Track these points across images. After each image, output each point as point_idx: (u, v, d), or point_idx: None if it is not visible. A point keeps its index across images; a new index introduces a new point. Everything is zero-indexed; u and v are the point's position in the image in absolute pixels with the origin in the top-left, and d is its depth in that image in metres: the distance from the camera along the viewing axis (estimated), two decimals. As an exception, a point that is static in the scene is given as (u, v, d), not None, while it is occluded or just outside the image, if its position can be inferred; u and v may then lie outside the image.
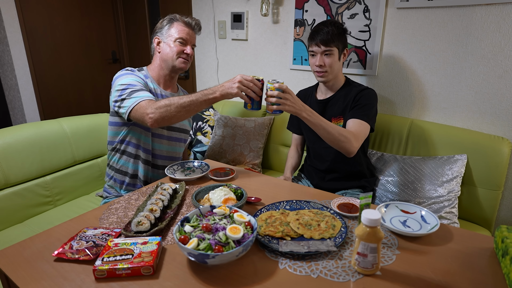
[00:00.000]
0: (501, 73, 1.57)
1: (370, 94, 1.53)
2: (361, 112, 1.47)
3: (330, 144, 1.36)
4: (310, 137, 1.67)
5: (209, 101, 1.25)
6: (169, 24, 1.50)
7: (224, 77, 2.62)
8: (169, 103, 1.26)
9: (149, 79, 1.51)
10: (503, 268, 0.80)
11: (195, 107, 1.26)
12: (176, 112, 1.26)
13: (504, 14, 1.51)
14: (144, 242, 0.87)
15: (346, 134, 1.35)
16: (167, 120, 1.28)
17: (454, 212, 1.51)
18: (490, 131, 1.65)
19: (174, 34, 1.48)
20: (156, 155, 1.54)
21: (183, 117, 1.29)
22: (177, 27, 1.49)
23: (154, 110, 1.26)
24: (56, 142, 1.78)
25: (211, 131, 2.28)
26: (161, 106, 1.26)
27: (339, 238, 0.92)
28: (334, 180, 1.63)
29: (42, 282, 0.77)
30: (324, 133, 1.32)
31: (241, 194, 1.09)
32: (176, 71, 1.53)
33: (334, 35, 1.49)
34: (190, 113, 1.28)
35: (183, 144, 1.66)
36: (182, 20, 1.50)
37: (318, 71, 1.53)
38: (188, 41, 1.50)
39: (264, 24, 2.29)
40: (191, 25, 1.52)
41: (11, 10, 2.55)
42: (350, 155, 1.39)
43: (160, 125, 1.30)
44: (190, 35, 1.51)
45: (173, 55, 1.48)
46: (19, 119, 2.84)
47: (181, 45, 1.48)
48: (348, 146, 1.36)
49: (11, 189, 1.63)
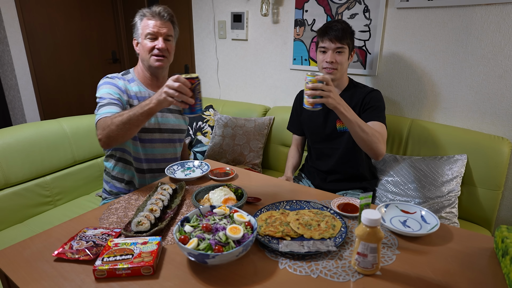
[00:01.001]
0: (501, 73, 1.57)
1: (378, 96, 1.52)
2: (377, 114, 1.45)
3: (361, 143, 1.32)
4: (313, 138, 1.65)
5: (146, 112, 1.15)
6: (139, 21, 1.39)
7: (224, 77, 2.62)
8: (110, 123, 1.19)
9: (135, 82, 1.43)
10: (503, 268, 0.80)
11: (136, 121, 1.17)
12: (119, 130, 1.18)
13: (504, 14, 1.50)
14: (144, 242, 0.87)
15: (377, 134, 1.31)
16: (114, 139, 1.21)
17: (454, 212, 1.51)
18: (490, 131, 1.65)
19: (143, 31, 1.37)
20: (150, 159, 1.48)
21: (128, 134, 1.21)
22: (144, 22, 1.37)
23: (101, 132, 1.22)
24: (56, 142, 1.78)
25: (211, 131, 2.28)
26: (105, 126, 1.20)
27: (339, 238, 0.92)
28: (336, 182, 1.62)
29: (42, 282, 0.77)
30: (359, 131, 1.27)
31: (241, 194, 1.09)
32: (155, 70, 1.42)
33: (347, 33, 1.47)
34: (133, 128, 1.20)
35: (178, 144, 1.58)
36: (149, 12, 1.37)
37: (328, 67, 1.48)
38: (158, 34, 1.36)
39: (264, 24, 2.29)
40: (159, 14, 1.36)
41: (11, 10, 2.55)
42: (379, 157, 1.35)
43: (111, 146, 1.27)
44: (159, 26, 1.35)
45: (146, 55, 1.37)
46: (19, 119, 2.84)
47: (151, 41, 1.36)
48: (380, 147, 1.32)
49: (11, 189, 1.63)
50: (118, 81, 1.40)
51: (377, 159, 1.37)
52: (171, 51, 1.41)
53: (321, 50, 1.51)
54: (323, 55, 1.50)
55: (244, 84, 2.52)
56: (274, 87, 2.37)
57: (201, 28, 2.61)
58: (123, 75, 1.45)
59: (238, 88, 2.57)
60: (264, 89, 2.43)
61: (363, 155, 1.58)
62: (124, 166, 1.47)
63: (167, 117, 1.49)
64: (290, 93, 2.29)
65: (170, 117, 1.50)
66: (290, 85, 2.28)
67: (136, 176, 1.47)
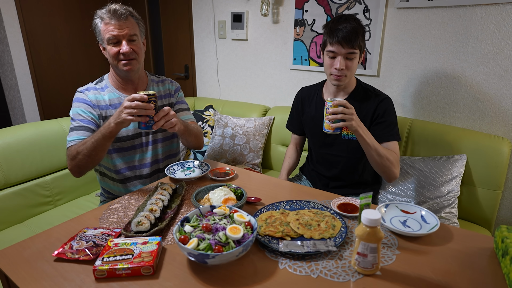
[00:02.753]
0: (501, 73, 1.57)
1: (391, 107, 1.40)
2: (391, 132, 1.37)
3: (375, 165, 1.31)
4: (315, 141, 1.58)
5: (108, 135, 1.17)
6: (99, 25, 1.28)
7: (224, 77, 2.62)
8: (76, 153, 1.21)
9: (108, 89, 1.38)
10: (503, 268, 0.80)
11: (101, 146, 1.19)
12: (86, 158, 1.20)
13: (504, 14, 1.50)
14: (144, 242, 0.87)
15: (392, 158, 1.29)
16: (84, 167, 1.24)
17: (454, 212, 1.51)
18: (490, 131, 1.65)
19: (103, 36, 1.27)
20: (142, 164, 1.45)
21: (97, 159, 1.23)
22: (103, 26, 1.27)
23: (70, 162, 1.24)
24: (56, 142, 1.78)
25: (211, 131, 2.28)
26: (72, 157, 1.23)
27: (339, 238, 0.92)
28: (338, 188, 1.56)
29: (42, 282, 0.77)
30: (375, 155, 1.26)
31: (241, 194, 1.09)
32: (126, 74, 1.34)
33: (359, 34, 1.30)
34: (99, 153, 1.22)
35: (175, 139, 1.55)
36: (106, 14, 1.25)
37: (336, 74, 1.34)
38: (120, 37, 1.26)
39: (264, 24, 2.29)
40: (115, 13, 1.24)
41: (11, 10, 2.55)
42: (391, 180, 1.34)
43: (84, 174, 1.27)
44: (119, 27, 1.25)
45: (113, 60, 1.30)
46: (19, 119, 2.84)
47: (114, 45, 1.27)
48: (395, 171, 1.30)
49: (11, 189, 1.63)
50: (88, 94, 1.36)
51: (389, 182, 1.35)
52: (139, 51, 1.32)
53: (329, 55, 1.35)
54: (332, 61, 1.34)
55: (244, 84, 2.52)
56: (274, 87, 2.37)
57: (201, 28, 2.61)
58: (96, 83, 1.41)
59: (238, 88, 2.57)
60: (264, 89, 2.43)
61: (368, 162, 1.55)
62: (113, 183, 1.47)
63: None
64: (290, 93, 2.29)
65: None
66: (290, 85, 2.28)
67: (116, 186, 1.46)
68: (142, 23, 1.37)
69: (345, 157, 1.49)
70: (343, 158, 1.50)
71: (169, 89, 1.54)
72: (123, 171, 1.43)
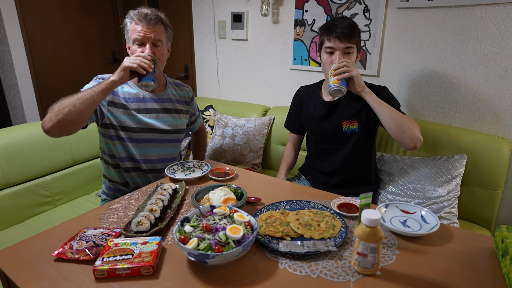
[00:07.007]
0: (501, 73, 1.57)
1: (389, 92, 1.46)
2: (398, 109, 1.36)
3: (394, 128, 1.26)
4: (315, 138, 1.58)
5: (105, 87, 1.19)
6: (128, 25, 1.34)
7: (224, 77, 2.62)
8: (62, 107, 1.14)
9: (129, 84, 1.42)
10: (503, 268, 0.80)
11: (94, 98, 1.16)
12: (74, 110, 1.13)
13: (504, 14, 1.51)
14: (144, 242, 0.87)
15: (409, 120, 1.26)
16: (66, 125, 1.15)
17: (454, 212, 1.51)
18: (490, 131, 1.65)
19: (131, 35, 1.33)
20: (146, 159, 1.46)
21: (84, 113, 1.16)
22: (132, 26, 1.32)
23: (51, 117, 1.14)
24: (56, 142, 1.78)
25: (211, 131, 2.28)
26: (58, 111, 1.14)
27: (339, 238, 0.92)
28: (339, 187, 1.55)
29: (42, 282, 0.77)
30: (388, 112, 1.26)
31: (241, 194, 1.09)
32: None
33: (355, 30, 1.35)
34: (90, 106, 1.16)
35: (176, 144, 1.56)
36: (136, 15, 1.31)
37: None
38: (145, 39, 1.31)
39: (264, 24, 2.29)
40: (146, 17, 1.30)
41: (11, 10, 2.55)
42: (416, 143, 1.26)
43: (62, 133, 1.18)
44: (146, 31, 1.30)
45: None
46: (19, 119, 2.84)
47: (139, 47, 1.33)
48: (416, 132, 1.25)
49: (11, 189, 1.63)
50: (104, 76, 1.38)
51: (413, 147, 1.26)
52: (161, 56, 1.36)
53: (327, 51, 1.37)
54: (330, 57, 1.36)
55: (244, 84, 2.52)
56: (274, 87, 2.37)
57: (201, 28, 2.61)
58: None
59: (238, 88, 2.57)
60: (264, 89, 2.43)
61: (370, 157, 1.54)
62: (118, 171, 1.46)
63: (163, 118, 1.47)
64: (290, 93, 2.28)
65: (167, 118, 1.48)
66: (290, 85, 2.28)
67: (131, 176, 1.46)
68: (170, 30, 1.43)
69: (345, 150, 1.50)
70: (343, 151, 1.50)
71: (187, 96, 1.61)
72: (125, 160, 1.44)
